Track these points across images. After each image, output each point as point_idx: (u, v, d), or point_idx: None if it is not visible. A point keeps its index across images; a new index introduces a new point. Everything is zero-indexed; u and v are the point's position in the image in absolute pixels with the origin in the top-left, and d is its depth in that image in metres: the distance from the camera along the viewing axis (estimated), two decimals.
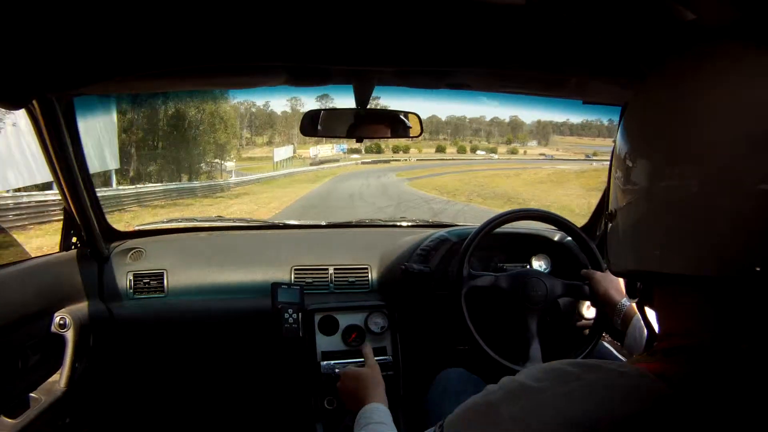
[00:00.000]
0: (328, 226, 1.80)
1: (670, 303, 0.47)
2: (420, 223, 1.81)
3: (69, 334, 1.16)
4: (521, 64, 0.92)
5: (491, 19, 0.80)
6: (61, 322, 1.15)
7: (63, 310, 1.18)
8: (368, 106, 1.18)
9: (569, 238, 1.36)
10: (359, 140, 1.23)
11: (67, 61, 0.85)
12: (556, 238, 1.44)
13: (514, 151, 56.89)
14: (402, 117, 1.21)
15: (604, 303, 1.06)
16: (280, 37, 0.83)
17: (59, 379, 1.16)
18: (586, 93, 1.13)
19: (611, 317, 1.03)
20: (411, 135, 1.23)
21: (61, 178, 1.15)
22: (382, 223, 1.85)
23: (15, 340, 1.02)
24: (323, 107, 1.22)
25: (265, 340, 1.42)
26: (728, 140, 0.39)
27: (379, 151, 52.65)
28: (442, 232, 1.42)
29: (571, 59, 0.88)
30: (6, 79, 0.82)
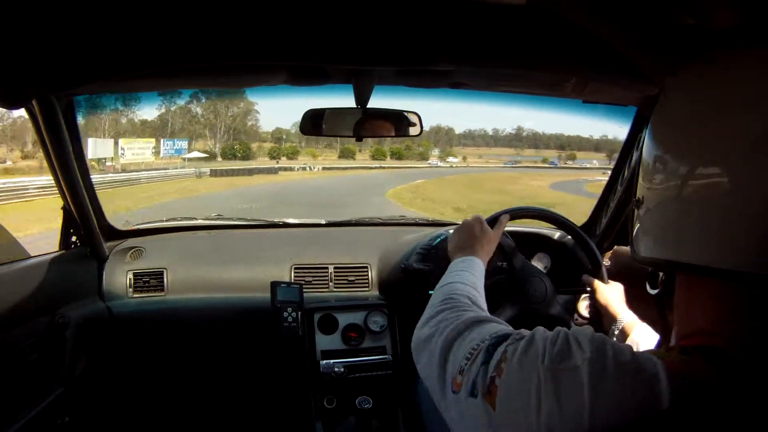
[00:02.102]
0: (328, 224, 1.80)
1: (692, 298, 0.47)
2: (420, 222, 1.81)
3: (68, 333, 1.16)
4: (521, 64, 0.92)
5: (492, 19, 0.80)
6: (61, 320, 1.15)
7: (62, 308, 1.18)
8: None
9: (569, 237, 1.36)
10: (360, 139, 1.23)
11: (66, 61, 0.85)
12: (555, 237, 1.44)
13: (451, 156, 50.45)
14: (403, 116, 1.21)
15: (603, 314, 1.07)
16: (280, 36, 0.83)
17: (58, 378, 1.16)
18: (586, 92, 1.13)
19: (607, 329, 1.04)
20: (412, 134, 1.23)
21: (60, 177, 1.15)
22: (382, 222, 1.85)
23: (14, 339, 1.02)
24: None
25: (264, 338, 1.42)
26: (754, 138, 0.39)
27: (246, 155, 34.53)
28: (442, 230, 1.42)
29: (571, 59, 0.89)
30: (6, 79, 0.82)
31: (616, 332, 1.00)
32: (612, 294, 1.07)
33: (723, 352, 0.41)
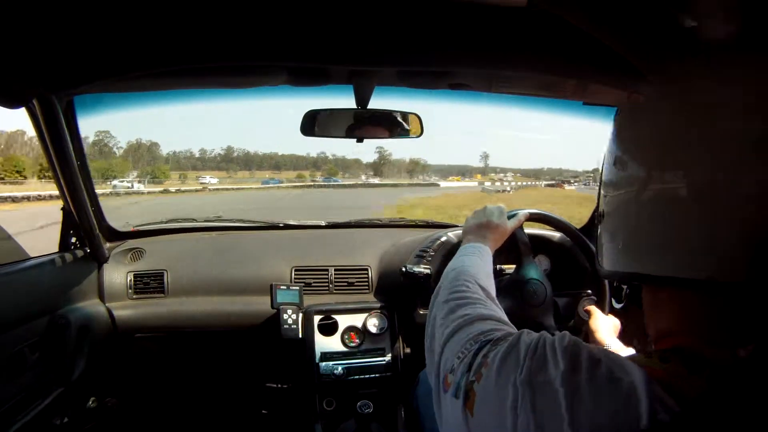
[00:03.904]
0: (329, 226, 1.80)
1: (658, 306, 0.48)
2: (420, 224, 1.81)
3: (68, 334, 1.16)
4: (522, 65, 0.92)
5: (492, 20, 0.80)
6: (61, 321, 1.15)
7: (62, 309, 1.18)
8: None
9: (569, 239, 1.36)
10: (359, 140, 1.23)
11: (67, 61, 0.85)
12: (555, 239, 1.43)
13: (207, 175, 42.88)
14: (401, 118, 1.20)
15: (590, 338, 1.09)
16: (280, 36, 0.83)
17: (58, 379, 1.16)
18: (587, 94, 1.13)
19: None
20: (412, 135, 1.23)
21: (60, 177, 1.15)
22: (383, 224, 1.85)
23: (14, 339, 1.02)
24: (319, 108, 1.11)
25: (264, 340, 1.42)
26: (717, 146, 0.39)
27: None
28: (442, 233, 1.42)
29: (571, 61, 0.88)
30: (6, 78, 0.82)
31: None
32: (604, 324, 1.09)
33: (702, 357, 0.41)
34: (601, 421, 0.38)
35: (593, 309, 1.16)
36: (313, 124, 1.17)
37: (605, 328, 1.08)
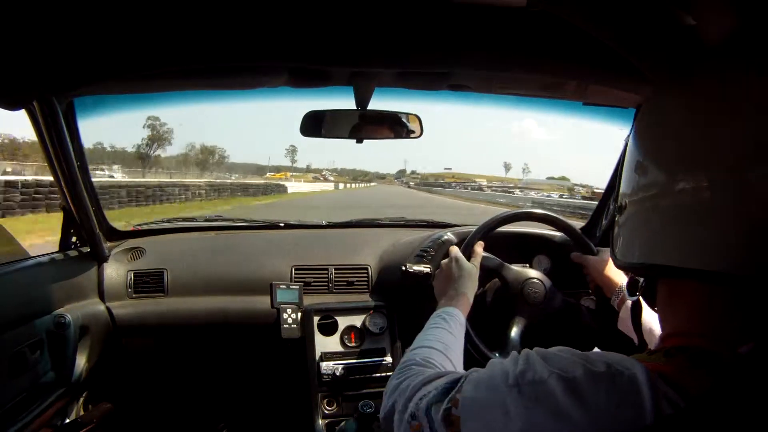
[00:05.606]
0: (329, 225, 1.80)
1: (673, 300, 0.47)
2: (420, 223, 1.81)
3: (68, 334, 1.16)
4: (522, 66, 0.92)
5: (492, 21, 0.80)
6: (61, 321, 1.15)
7: (62, 309, 1.18)
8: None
9: (569, 239, 1.36)
10: (359, 141, 1.23)
11: (67, 62, 0.85)
12: (556, 239, 1.43)
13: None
14: (402, 118, 1.21)
15: (603, 287, 1.06)
16: (280, 37, 0.84)
17: (58, 378, 1.16)
18: (587, 94, 1.13)
19: (609, 296, 1.03)
20: (412, 136, 1.23)
21: (61, 177, 1.15)
22: (383, 223, 1.85)
23: (14, 339, 1.02)
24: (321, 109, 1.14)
25: (264, 340, 1.42)
26: (739, 146, 0.40)
27: None
28: (442, 232, 1.42)
29: (571, 61, 0.89)
30: (6, 80, 0.82)
31: (617, 300, 0.99)
32: (604, 265, 1.07)
33: (706, 352, 0.41)
34: (604, 414, 0.38)
35: (583, 257, 1.13)
36: (316, 124, 1.17)
37: (608, 267, 1.04)
